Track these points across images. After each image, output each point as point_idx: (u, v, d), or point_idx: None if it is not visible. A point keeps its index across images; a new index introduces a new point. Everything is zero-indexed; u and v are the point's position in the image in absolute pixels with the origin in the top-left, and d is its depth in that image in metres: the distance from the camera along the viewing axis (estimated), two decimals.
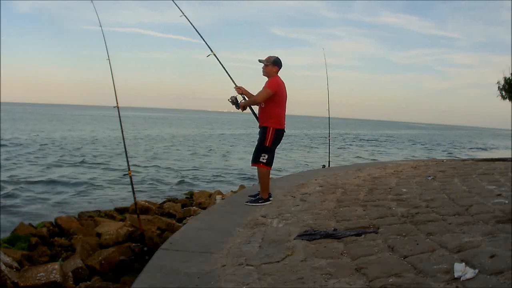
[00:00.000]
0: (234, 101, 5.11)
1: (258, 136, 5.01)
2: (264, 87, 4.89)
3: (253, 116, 5.28)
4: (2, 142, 23.12)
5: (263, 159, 4.89)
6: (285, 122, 5.05)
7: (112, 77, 5.58)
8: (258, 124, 5.06)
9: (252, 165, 5.06)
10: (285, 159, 21.31)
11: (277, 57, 4.99)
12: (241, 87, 5.12)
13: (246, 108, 5.17)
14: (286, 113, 5.04)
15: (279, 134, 4.95)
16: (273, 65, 4.95)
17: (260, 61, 4.98)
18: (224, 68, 5.33)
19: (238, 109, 5.13)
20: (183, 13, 5.49)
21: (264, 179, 4.97)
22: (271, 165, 4.99)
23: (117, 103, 5.47)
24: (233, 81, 5.25)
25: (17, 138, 26.61)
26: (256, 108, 5.18)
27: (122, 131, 5.77)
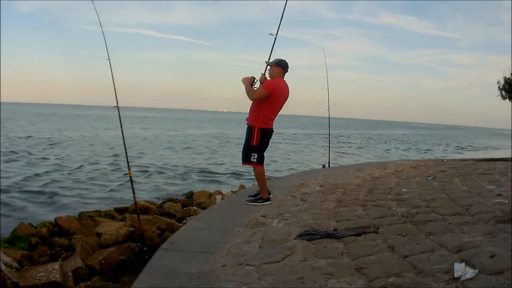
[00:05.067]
0: (250, 82, 5.00)
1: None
2: (260, 86, 4.88)
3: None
4: (6, 142, 23.14)
5: (253, 158, 4.89)
6: (275, 122, 5.02)
7: (112, 77, 5.59)
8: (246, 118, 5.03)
9: (243, 164, 5.09)
10: (285, 159, 21.30)
11: (282, 59, 4.95)
12: (265, 77, 4.99)
13: None
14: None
15: (265, 133, 4.94)
16: (276, 66, 4.91)
17: (266, 62, 4.96)
18: (271, 52, 5.10)
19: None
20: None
21: (260, 178, 4.98)
22: (263, 163, 5.00)
23: (117, 103, 5.48)
24: (265, 69, 5.08)
25: (11, 138, 26.63)
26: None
27: (122, 131, 5.77)
